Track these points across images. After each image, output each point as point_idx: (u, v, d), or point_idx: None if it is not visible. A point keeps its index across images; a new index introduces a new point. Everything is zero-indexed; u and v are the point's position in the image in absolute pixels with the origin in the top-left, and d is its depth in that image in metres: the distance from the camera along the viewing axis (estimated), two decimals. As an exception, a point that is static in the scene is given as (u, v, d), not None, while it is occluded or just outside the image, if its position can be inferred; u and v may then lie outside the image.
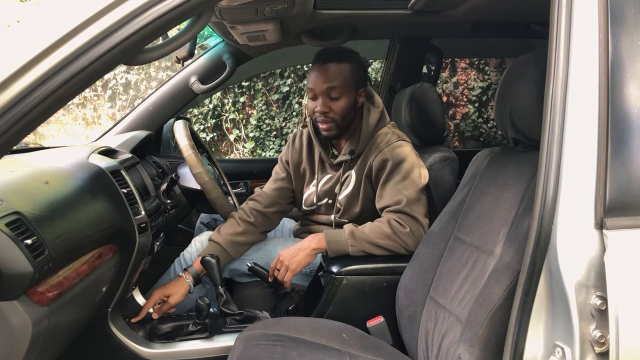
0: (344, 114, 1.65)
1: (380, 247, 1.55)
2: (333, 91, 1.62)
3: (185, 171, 1.82)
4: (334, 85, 1.62)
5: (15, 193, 1.00)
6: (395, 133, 1.69)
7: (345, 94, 1.64)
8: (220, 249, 1.70)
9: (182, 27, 1.00)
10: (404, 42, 2.35)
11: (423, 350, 1.27)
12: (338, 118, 1.65)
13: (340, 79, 1.62)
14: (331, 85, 1.62)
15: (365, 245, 1.54)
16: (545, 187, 0.87)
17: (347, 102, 1.64)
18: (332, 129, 1.67)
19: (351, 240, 1.55)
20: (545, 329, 0.86)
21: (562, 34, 0.88)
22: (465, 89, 4.42)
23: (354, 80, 1.65)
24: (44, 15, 0.84)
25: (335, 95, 1.63)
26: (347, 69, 1.64)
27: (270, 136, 4.62)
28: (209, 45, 2.20)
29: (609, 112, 0.86)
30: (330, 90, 1.62)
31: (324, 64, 1.64)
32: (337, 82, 1.62)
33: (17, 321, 0.90)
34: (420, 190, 1.61)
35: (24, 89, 0.79)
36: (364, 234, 1.55)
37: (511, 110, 1.16)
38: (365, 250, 1.55)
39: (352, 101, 1.66)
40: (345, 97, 1.64)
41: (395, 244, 1.54)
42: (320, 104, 1.64)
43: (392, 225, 1.54)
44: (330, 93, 1.63)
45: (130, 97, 4.93)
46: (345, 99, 1.64)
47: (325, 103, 1.63)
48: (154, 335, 1.52)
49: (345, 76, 1.63)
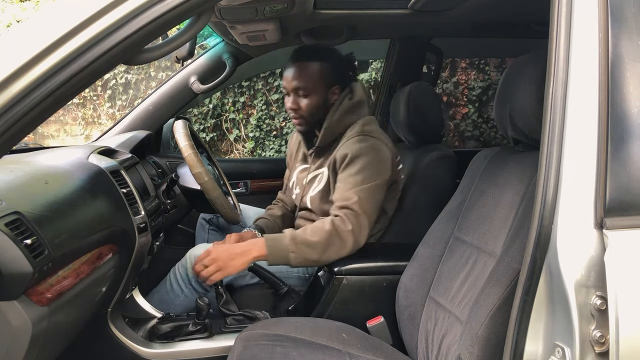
0: (312, 112, 1.70)
1: (321, 249, 1.50)
2: (301, 90, 1.68)
3: (185, 171, 1.81)
4: (301, 85, 1.67)
5: (15, 193, 1.00)
6: (362, 127, 1.67)
7: (313, 92, 1.68)
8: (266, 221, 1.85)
9: (182, 26, 1.00)
10: (404, 42, 2.35)
11: (423, 350, 1.27)
12: (306, 115, 1.70)
13: (307, 78, 1.67)
14: (298, 85, 1.67)
15: (306, 251, 1.49)
16: (545, 187, 0.87)
17: (315, 100, 1.69)
18: (302, 124, 1.73)
19: (292, 246, 1.49)
20: (545, 329, 0.86)
21: (562, 34, 0.88)
22: (465, 89, 4.42)
23: (323, 79, 1.68)
24: (44, 15, 0.84)
25: (302, 93, 1.68)
26: (316, 68, 1.68)
27: (270, 136, 4.62)
28: (209, 45, 2.19)
29: (609, 112, 0.86)
30: (298, 89, 1.68)
31: (295, 62, 1.69)
32: (304, 81, 1.67)
33: (16, 321, 0.90)
34: (372, 187, 1.58)
35: (24, 89, 0.79)
36: (304, 238, 1.50)
37: (511, 110, 1.16)
38: (307, 257, 1.50)
39: (321, 99, 1.70)
40: (313, 95, 1.68)
41: (335, 244, 1.50)
42: (290, 100, 1.71)
43: (335, 224, 1.52)
44: (298, 91, 1.68)
45: (130, 97, 4.93)
46: (313, 97, 1.68)
47: (294, 100, 1.70)
48: (154, 335, 1.52)
49: (312, 75, 1.67)
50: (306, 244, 1.50)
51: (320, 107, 1.70)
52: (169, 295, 1.73)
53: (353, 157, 1.60)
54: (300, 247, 1.49)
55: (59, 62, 0.80)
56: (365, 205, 1.56)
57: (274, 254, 1.50)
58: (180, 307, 1.72)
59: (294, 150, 1.96)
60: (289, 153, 1.99)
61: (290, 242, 1.50)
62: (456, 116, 4.46)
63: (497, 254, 1.13)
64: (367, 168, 1.59)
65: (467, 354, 1.03)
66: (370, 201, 1.58)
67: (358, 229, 1.53)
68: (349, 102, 1.71)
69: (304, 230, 1.54)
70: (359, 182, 1.57)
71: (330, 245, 1.51)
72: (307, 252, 1.50)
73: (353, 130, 1.68)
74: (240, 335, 1.32)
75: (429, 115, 1.87)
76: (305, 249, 1.50)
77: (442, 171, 1.77)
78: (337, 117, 1.70)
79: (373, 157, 1.61)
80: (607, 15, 0.87)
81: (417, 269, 1.39)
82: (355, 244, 1.53)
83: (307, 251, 1.50)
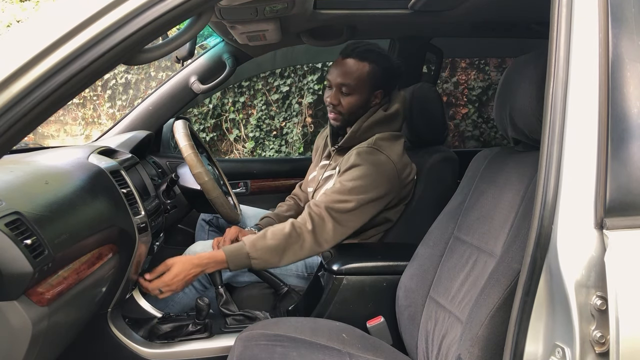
0: (352, 110, 1.69)
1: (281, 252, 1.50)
2: (345, 87, 1.67)
3: (185, 171, 1.81)
4: (347, 82, 1.66)
5: (15, 193, 1.00)
6: (375, 140, 1.65)
7: (357, 92, 1.67)
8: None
9: (182, 27, 1.00)
10: (404, 42, 2.35)
11: (423, 350, 1.27)
12: (345, 112, 1.70)
13: (355, 77, 1.66)
14: (344, 82, 1.66)
15: (265, 256, 1.50)
16: (545, 187, 0.87)
17: (357, 100, 1.68)
18: (338, 120, 1.72)
19: (253, 253, 1.50)
20: (545, 329, 0.86)
21: (562, 34, 0.88)
22: (465, 89, 4.42)
23: (370, 81, 1.67)
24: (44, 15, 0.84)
25: (346, 91, 1.67)
26: (365, 69, 1.66)
27: (270, 136, 4.62)
28: (209, 45, 2.19)
29: (609, 112, 0.86)
30: (343, 86, 1.67)
31: (345, 59, 1.68)
32: (350, 80, 1.66)
33: (16, 321, 0.90)
34: (361, 200, 1.54)
35: (24, 89, 0.79)
36: (264, 244, 1.50)
37: (511, 110, 1.16)
38: (267, 261, 1.51)
39: (363, 100, 1.69)
40: (356, 94, 1.67)
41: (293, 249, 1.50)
42: (332, 95, 1.69)
43: (294, 225, 1.52)
44: (342, 88, 1.67)
45: (130, 97, 4.93)
46: (355, 97, 1.68)
47: (336, 96, 1.69)
48: (154, 335, 1.52)
49: (360, 75, 1.66)
50: (265, 249, 1.50)
51: (360, 107, 1.69)
52: None
53: (353, 165, 1.59)
54: (260, 253, 1.50)
55: (59, 62, 0.80)
56: (341, 215, 1.53)
57: (235, 263, 1.50)
58: (178, 305, 1.72)
59: (320, 145, 1.96)
60: (315, 147, 2.00)
61: (250, 249, 1.50)
62: (456, 116, 4.46)
63: (497, 254, 1.13)
64: (362, 179, 1.56)
65: (467, 354, 1.03)
66: (351, 214, 1.55)
67: (320, 231, 1.52)
68: (383, 114, 1.70)
69: (264, 233, 1.53)
70: (347, 190, 1.55)
71: (288, 246, 1.50)
72: (266, 256, 1.50)
73: (369, 141, 1.66)
74: (240, 335, 1.32)
75: (431, 117, 1.87)
76: (264, 254, 1.50)
77: (444, 173, 1.77)
78: (367, 124, 1.69)
79: (372, 170, 1.58)
80: (607, 15, 0.87)
81: (417, 269, 1.39)
82: (314, 244, 1.52)
83: (266, 256, 1.50)
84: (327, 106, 1.72)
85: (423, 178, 1.75)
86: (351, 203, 1.55)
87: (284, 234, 1.50)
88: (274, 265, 1.54)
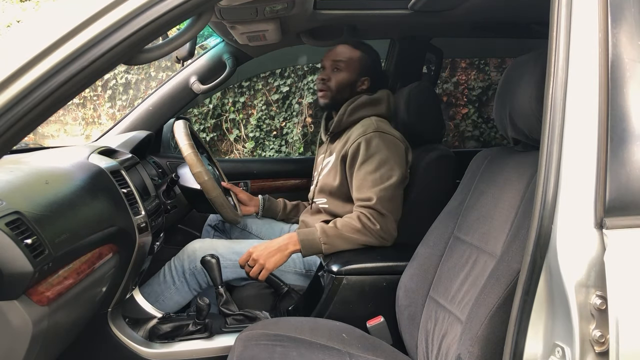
0: (339, 87, 1.82)
1: (353, 241, 1.59)
2: (337, 64, 1.82)
3: (185, 171, 1.81)
4: (340, 59, 1.82)
5: (15, 193, 1.00)
6: (377, 125, 1.72)
7: (347, 70, 1.82)
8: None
9: (183, 27, 1.00)
10: (404, 42, 2.34)
11: (423, 350, 1.27)
12: (333, 88, 1.82)
13: (347, 57, 1.82)
14: (337, 59, 1.82)
15: (337, 242, 1.59)
16: (545, 186, 0.87)
17: (346, 77, 1.82)
18: (327, 97, 1.84)
19: (324, 238, 1.58)
20: (545, 329, 0.86)
21: (562, 34, 0.88)
22: (465, 89, 4.42)
23: (359, 65, 1.83)
24: (44, 15, 0.84)
25: (338, 67, 1.82)
26: (357, 54, 1.83)
27: (270, 136, 4.62)
28: (209, 45, 2.19)
29: (609, 112, 0.86)
30: (336, 63, 1.82)
31: (341, 44, 1.86)
32: (343, 58, 1.82)
33: (17, 321, 0.90)
34: (392, 186, 1.63)
35: (24, 89, 0.79)
36: (336, 230, 1.59)
37: (511, 110, 1.16)
38: (338, 247, 1.59)
39: (351, 80, 1.83)
40: (346, 72, 1.82)
41: (366, 238, 1.59)
42: (324, 72, 1.85)
43: (362, 221, 1.59)
44: (335, 65, 1.82)
45: (130, 97, 4.93)
46: (345, 74, 1.82)
47: (327, 73, 1.84)
48: (154, 335, 1.52)
49: (351, 57, 1.83)
50: (337, 236, 1.59)
51: (347, 86, 1.83)
52: (160, 286, 1.74)
53: (370, 154, 1.65)
54: (332, 239, 1.59)
55: (60, 62, 0.80)
56: (388, 205, 1.61)
57: (307, 247, 1.60)
58: (170, 301, 1.73)
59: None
60: (318, 143, 2.09)
61: (321, 235, 1.59)
62: (456, 116, 4.46)
63: (497, 253, 1.13)
64: (384, 165, 1.64)
65: (467, 354, 1.03)
66: (392, 201, 1.63)
67: (385, 227, 1.60)
68: (367, 97, 1.82)
69: (334, 223, 1.62)
70: (377, 181, 1.62)
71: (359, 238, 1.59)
72: (338, 243, 1.59)
73: (366, 126, 1.72)
74: (240, 335, 1.32)
75: (429, 116, 1.87)
76: (336, 240, 1.59)
77: (441, 171, 1.77)
78: (352, 107, 1.79)
79: (389, 153, 1.66)
80: (607, 15, 0.87)
81: (417, 269, 1.39)
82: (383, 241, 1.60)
83: (338, 242, 1.59)
84: (318, 84, 1.85)
85: (420, 177, 1.75)
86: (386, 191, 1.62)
87: (353, 228, 1.59)
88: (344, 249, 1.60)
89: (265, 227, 2.05)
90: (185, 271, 1.72)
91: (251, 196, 2.06)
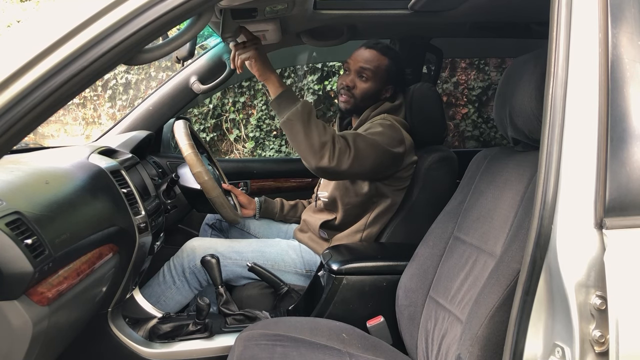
0: (364, 97, 1.79)
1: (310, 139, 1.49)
2: (365, 72, 1.77)
3: (186, 171, 1.82)
4: (368, 67, 1.77)
5: (15, 193, 1.00)
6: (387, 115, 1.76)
7: (373, 79, 1.78)
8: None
9: (183, 27, 1.00)
10: (403, 42, 2.35)
11: (423, 350, 1.27)
12: (358, 97, 1.79)
13: (375, 65, 1.78)
14: (365, 67, 1.77)
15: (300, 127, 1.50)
16: (545, 186, 0.87)
17: (372, 87, 1.79)
18: (349, 103, 1.81)
19: (296, 115, 1.50)
20: (545, 329, 0.86)
21: (562, 34, 0.88)
22: (465, 89, 4.42)
23: (386, 74, 1.80)
24: (44, 15, 0.84)
25: (365, 76, 1.78)
26: (385, 62, 1.79)
27: (270, 136, 4.62)
28: (209, 45, 2.20)
29: (608, 112, 0.86)
30: (363, 70, 1.78)
31: (369, 48, 1.80)
32: (371, 67, 1.77)
33: (17, 321, 0.90)
34: (377, 143, 1.61)
35: (24, 89, 0.79)
36: (312, 119, 1.52)
37: (511, 110, 1.16)
38: (295, 132, 1.50)
39: (376, 89, 1.80)
40: (372, 82, 1.78)
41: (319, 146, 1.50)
42: (350, 78, 1.79)
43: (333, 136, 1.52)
44: (361, 72, 1.78)
45: (130, 97, 4.93)
46: (371, 84, 1.78)
47: (353, 79, 1.79)
48: (154, 335, 1.52)
49: (380, 65, 1.78)
50: (305, 122, 1.50)
51: (372, 95, 1.80)
52: (160, 287, 1.74)
53: (370, 127, 1.68)
54: (300, 123, 1.49)
55: (60, 63, 0.80)
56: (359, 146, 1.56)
57: (279, 103, 1.53)
58: (171, 301, 1.73)
59: None
60: None
61: (301, 107, 1.51)
62: (456, 116, 4.46)
63: (497, 254, 1.13)
64: (379, 134, 1.64)
65: (467, 354, 1.03)
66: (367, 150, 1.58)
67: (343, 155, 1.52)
68: (390, 104, 1.81)
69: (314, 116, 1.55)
70: (365, 134, 1.63)
71: (315, 142, 1.50)
72: (299, 128, 1.50)
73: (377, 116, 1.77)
74: (240, 335, 1.32)
75: (431, 117, 1.87)
76: (302, 125, 1.49)
77: (443, 172, 1.77)
78: (375, 113, 1.79)
79: (388, 130, 1.67)
80: (607, 15, 0.87)
81: (417, 269, 1.39)
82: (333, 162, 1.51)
83: (300, 128, 1.50)
84: (341, 89, 1.80)
85: (421, 178, 1.75)
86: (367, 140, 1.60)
87: (325, 133, 1.51)
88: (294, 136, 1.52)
89: (264, 227, 2.05)
90: (185, 270, 1.72)
91: (250, 199, 2.05)
